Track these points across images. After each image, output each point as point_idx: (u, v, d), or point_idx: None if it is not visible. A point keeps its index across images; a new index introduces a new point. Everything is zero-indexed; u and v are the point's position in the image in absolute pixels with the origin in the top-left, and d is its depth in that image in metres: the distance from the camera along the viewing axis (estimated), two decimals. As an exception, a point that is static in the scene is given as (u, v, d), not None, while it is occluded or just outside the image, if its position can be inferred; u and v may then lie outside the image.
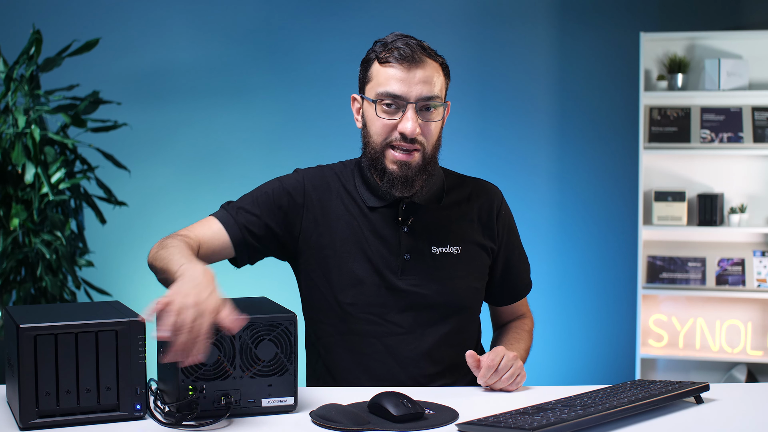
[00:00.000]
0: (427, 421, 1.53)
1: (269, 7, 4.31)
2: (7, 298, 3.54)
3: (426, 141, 1.82)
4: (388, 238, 1.87)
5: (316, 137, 4.32)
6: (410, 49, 1.78)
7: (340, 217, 1.89)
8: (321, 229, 1.89)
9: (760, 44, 4.03)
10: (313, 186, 1.93)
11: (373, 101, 1.81)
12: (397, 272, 1.86)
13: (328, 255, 1.88)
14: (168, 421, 1.52)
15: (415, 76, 1.78)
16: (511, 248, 1.99)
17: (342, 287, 1.87)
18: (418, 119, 1.79)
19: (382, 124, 1.81)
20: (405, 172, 1.81)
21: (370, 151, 1.84)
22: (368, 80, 1.84)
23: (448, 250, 1.89)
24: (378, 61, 1.82)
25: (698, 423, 1.55)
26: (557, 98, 4.29)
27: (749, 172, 4.10)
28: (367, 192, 1.90)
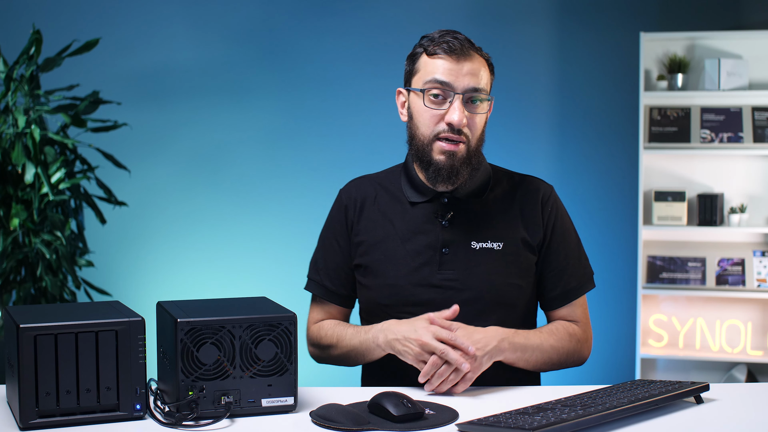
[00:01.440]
0: (427, 421, 1.53)
1: (269, 7, 4.31)
2: (7, 298, 3.54)
3: (471, 133, 1.84)
4: (428, 233, 1.89)
5: (315, 137, 4.32)
6: (459, 42, 1.82)
7: (376, 222, 1.93)
8: (359, 239, 1.94)
9: (760, 44, 4.03)
10: (349, 200, 1.99)
11: (421, 91, 1.83)
12: (435, 267, 1.87)
13: (367, 262, 1.93)
14: (168, 421, 1.52)
15: (462, 68, 1.81)
16: (557, 247, 1.92)
17: (379, 290, 1.90)
18: (465, 111, 1.81)
19: (429, 115, 1.83)
20: (451, 162, 1.83)
21: (417, 143, 1.86)
22: (415, 72, 1.86)
23: (489, 245, 1.88)
24: (426, 54, 1.84)
25: (698, 423, 1.55)
26: (557, 98, 4.29)
27: (749, 172, 4.10)
28: (410, 189, 1.93)
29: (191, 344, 1.53)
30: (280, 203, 4.33)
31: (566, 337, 1.89)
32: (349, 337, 1.90)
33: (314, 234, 2.15)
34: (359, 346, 1.87)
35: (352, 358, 1.91)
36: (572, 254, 1.95)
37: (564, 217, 1.96)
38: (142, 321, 1.54)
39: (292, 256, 4.28)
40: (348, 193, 2.01)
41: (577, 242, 1.97)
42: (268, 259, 4.32)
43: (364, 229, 1.95)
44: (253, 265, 4.32)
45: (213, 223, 4.34)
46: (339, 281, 1.98)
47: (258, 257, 4.32)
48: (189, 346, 1.53)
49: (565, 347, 1.88)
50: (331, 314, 2.01)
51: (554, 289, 1.93)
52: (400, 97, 1.92)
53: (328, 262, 1.99)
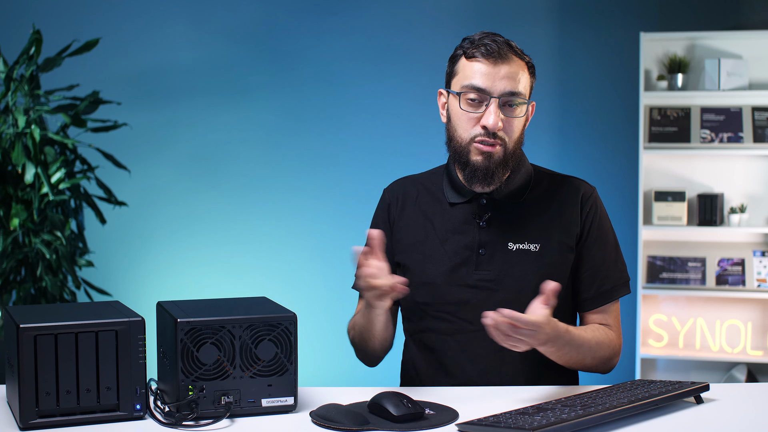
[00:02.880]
0: (427, 421, 1.53)
1: (269, 6, 4.31)
2: (7, 298, 3.54)
3: (507, 137, 1.85)
4: (465, 233, 1.90)
5: (316, 137, 4.32)
6: (497, 45, 1.82)
7: (416, 222, 1.95)
8: (399, 237, 1.96)
9: (760, 44, 4.03)
10: (393, 199, 2.01)
11: (457, 94, 1.84)
12: (471, 267, 1.88)
13: (406, 260, 1.94)
14: (168, 421, 1.52)
15: (499, 72, 1.82)
16: (593, 247, 1.91)
17: (416, 288, 1.91)
18: (501, 114, 1.82)
19: (466, 118, 1.84)
20: (487, 163, 1.83)
21: (455, 145, 1.87)
22: (454, 74, 1.87)
23: (526, 246, 1.88)
24: (465, 56, 1.85)
25: (698, 423, 1.55)
26: (557, 98, 4.29)
27: (749, 172, 4.09)
28: (451, 190, 1.94)
29: (191, 344, 1.53)
30: (280, 203, 4.33)
31: (605, 342, 1.87)
32: (359, 316, 1.93)
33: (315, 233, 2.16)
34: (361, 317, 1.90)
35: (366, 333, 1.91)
36: (609, 256, 1.93)
37: (603, 218, 1.95)
38: (142, 321, 1.54)
39: (292, 256, 4.28)
40: (392, 192, 2.03)
41: (615, 246, 1.95)
42: (268, 259, 4.32)
43: (404, 227, 1.96)
44: (253, 265, 4.32)
45: (213, 223, 4.33)
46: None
47: (258, 257, 4.32)
48: (189, 346, 1.53)
49: (599, 353, 1.86)
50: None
51: (588, 290, 1.92)
52: (440, 98, 1.93)
53: None
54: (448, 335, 1.89)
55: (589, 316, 1.93)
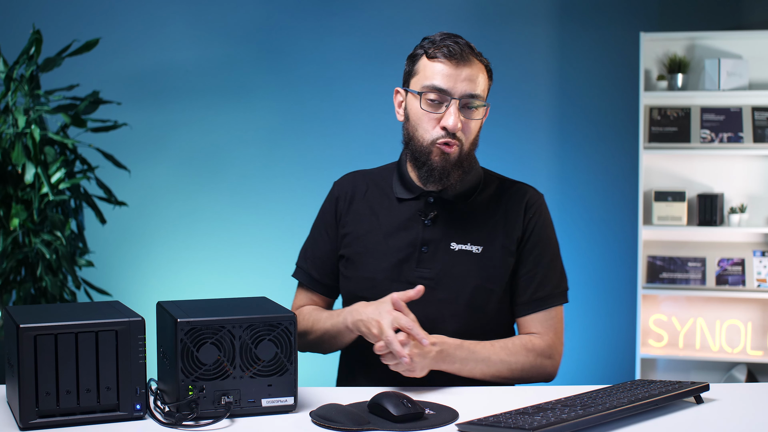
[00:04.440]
0: (427, 421, 1.53)
1: (269, 6, 4.31)
2: (7, 298, 3.54)
3: (465, 138, 1.86)
4: (410, 230, 1.91)
5: (315, 137, 4.32)
6: (459, 47, 1.83)
7: (363, 216, 1.96)
8: (345, 231, 1.98)
9: (760, 44, 4.03)
10: (341, 193, 2.03)
11: (418, 94, 1.85)
12: (413, 264, 1.88)
13: (350, 254, 1.96)
14: (168, 421, 1.52)
15: (461, 74, 1.83)
16: (532, 252, 1.91)
17: (358, 282, 1.93)
18: (460, 116, 1.83)
19: (427, 118, 1.85)
20: (444, 163, 1.85)
21: (416, 145, 1.88)
22: (414, 74, 1.88)
23: (468, 247, 1.89)
24: (426, 56, 1.86)
25: (698, 423, 1.55)
26: (557, 98, 4.29)
27: (749, 172, 4.10)
28: (400, 186, 1.96)
29: (191, 344, 1.53)
30: (280, 203, 4.33)
31: (522, 352, 1.86)
32: (322, 321, 1.92)
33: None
34: (331, 329, 1.89)
35: (325, 342, 1.93)
36: (546, 264, 1.92)
37: (546, 225, 1.95)
38: (142, 321, 1.54)
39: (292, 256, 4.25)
40: (341, 186, 2.04)
41: (555, 254, 1.95)
42: (268, 259, 4.32)
43: (351, 221, 1.97)
44: (253, 265, 4.32)
45: (213, 223, 4.33)
46: (324, 271, 2.01)
47: (258, 257, 4.32)
48: (189, 346, 1.53)
49: (519, 363, 1.85)
50: (315, 302, 2.04)
51: (523, 295, 1.91)
52: (397, 96, 1.94)
53: (315, 251, 2.03)
54: None
55: (524, 321, 1.93)
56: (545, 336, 1.90)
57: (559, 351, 1.91)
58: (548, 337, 1.90)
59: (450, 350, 1.78)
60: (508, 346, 1.85)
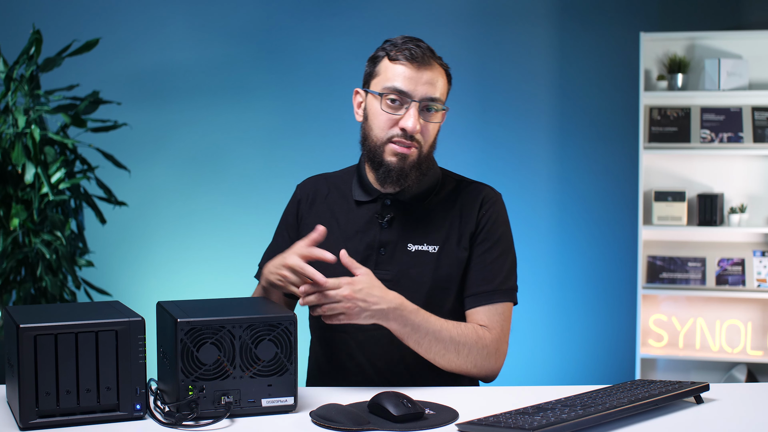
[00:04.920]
0: (427, 421, 1.53)
1: (269, 6, 4.31)
2: (7, 298, 3.54)
3: (423, 140, 1.87)
4: (368, 232, 1.93)
5: (315, 137, 4.32)
6: (420, 50, 1.85)
7: (323, 219, 1.98)
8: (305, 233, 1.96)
9: (760, 44, 4.03)
10: (303, 195, 2.06)
11: (379, 95, 1.86)
12: (371, 266, 1.88)
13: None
14: (168, 421, 1.52)
15: (422, 77, 1.84)
16: (482, 248, 1.90)
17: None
18: (420, 118, 1.84)
19: (385, 119, 1.86)
20: (402, 164, 1.86)
21: (370, 144, 1.89)
22: (375, 75, 1.89)
23: (425, 248, 1.90)
24: (388, 58, 1.87)
25: (698, 423, 1.55)
26: (557, 98, 4.29)
27: (749, 172, 4.10)
28: (359, 189, 1.97)
29: (191, 344, 1.53)
30: (280, 203, 4.30)
31: (472, 336, 1.82)
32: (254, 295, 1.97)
33: (314, 234, 2.20)
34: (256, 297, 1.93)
35: None
36: (495, 260, 1.90)
37: (500, 222, 1.93)
38: (142, 321, 1.54)
39: (292, 256, 4.27)
40: (303, 189, 2.07)
41: (506, 251, 1.92)
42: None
43: (311, 224, 1.98)
44: (253, 265, 4.31)
45: (213, 223, 4.33)
46: None
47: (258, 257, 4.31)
48: (189, 346, 1.53)
49: (467, 345, 1.81)
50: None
51: (470, 288, 1.90)
52: (357, 97, 1.95)
53: (275, 252, 2.02)
54: (346, 333, 1.91)
55: (471, 314, 1.91)
56: (492, 330, 1.86)
57: (503, 349, 1.87)
58: (495, 332, 1.86)
59: (406, 312, 1.76)
60: (460, 327, 1.83)
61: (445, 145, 1.96)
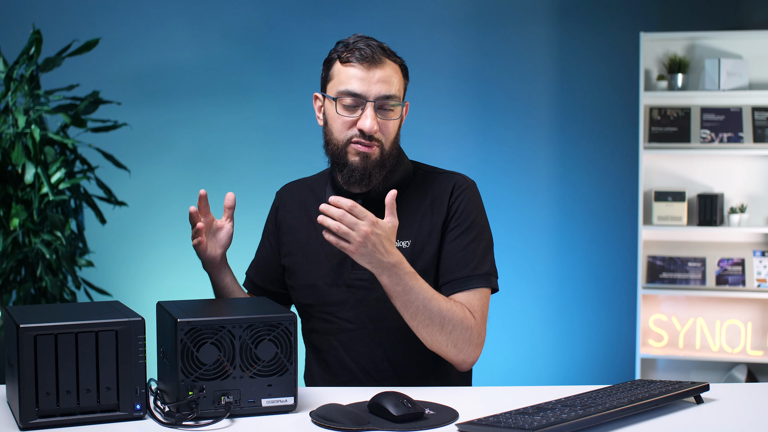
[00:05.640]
0: (427, 421, 1.53)
1: (269, 7, 4.31)
2: (7, 298, 3.54)
3: (384, 138, 1.87)
4: None
5: (315, 137, 4.31)
6: (371, 49, 1.84)
7: (300, 224, 1.99)
8: (285, 239, 2.02)
9: (760, 44, 4.03)
10: (281, 202, 2.09)
11: (333, 99, 1.86)
12: (348, 267, 1.90)
13: (290, 263, 1.99)
14: (168, 421, 1.52)
15: (374, 76, 1.84)
16: (452, 233, 1.88)
17: (300, 290, 1.97)
18: (377, 117, 1.84)
19: (342, 122, 1.86)
20: (364, 164, 1.85)
21: (332, 148, 1.90)
22: (330, 79, 1.89)
23: (398, 244, 1.89)
24: (339, 61, 1.87)
25: (698, 423, 1.55)
26: (557, 98, 4.29)
27: (749, 172, 4.10)
28: (331, 191, 1.97)
29: (191, 344, 1.53)
30: (280, 203, 4.33)
31: (459, 313, 1.79)
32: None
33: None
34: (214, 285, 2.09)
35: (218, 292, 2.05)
36: (468, 245, 1.87)
37: (473, 208, 1.91)
38: (142, 321, 1.54)
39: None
40: (280, 196, 2.09)
41: (479, 237, 1.89)
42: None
43: (290, 229, 2.01)
44: (253, 265, 4.31)
45: (213, 223, 4.33)
46: (267, 278, 2.06)
47: (258, 257, 4.32)
48: (189, 346, 1.53)
49: (453, 320, 1.78)
50: None
51: (444, 275, 1.87)
52: (317, 101, 1.96)
53: (259, 259, 2.09)
54: (330, 335, 1.92)
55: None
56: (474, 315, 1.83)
57: (482, 336, 1.83)
58: (477, 317, 1.83)
59: (402, 272, 1.73)
60: (450, 302, 1.80)
61: (445, 145, 1.96)
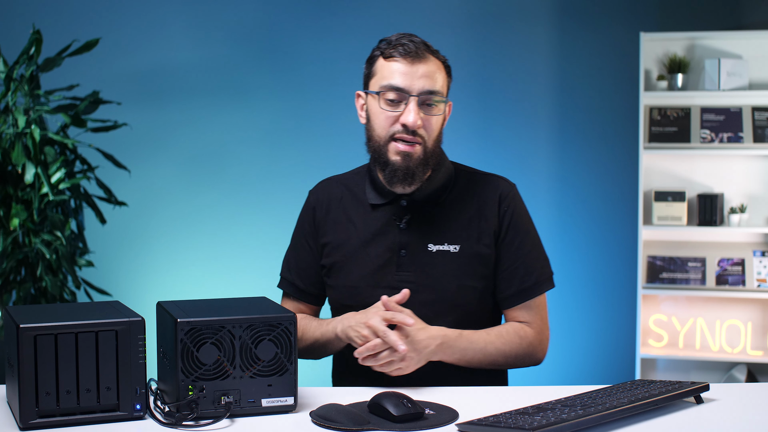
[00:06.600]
0: (427, 421, 1.53)
1: (269, 7, 4.31)
2: (7, 298, 3.54)
3: (427, 135, 1.86)
4: (387, 235, 1.92)
5: (316, 137, 4.32)
6: (414, 45, 1.84)
7: (340, 224, 1.97)
8: (324, 240, 1.99)
9: (760, 44, 4.03)
10: (317, 202, 2.03)
11: (376, 94, 1.86)
12: (393, 269, 1.89)
13: (330, 264, 1.97)
14: (168, 421, 1.52)
15: (417, 71, 1.83)
16: (512, 244, 1.92)
17: (341, 290, 1.95)
18: (420, 113, 1.83)
19: (385, 117, 1.86)
20: (407, 162, 1.85)
21: (374, 145, 1.89)
22: (372, 75, 1.90)
23: (446, 248, 1.89)
24: (382, 57, 1.87)
25: (698, 423, 1.55)
26: (557, 98, 4.29)
27: (749, 172, 4.10)
28: (372, 191, 1.96)
29: (191, 344, 1.53)
30: (280, 203, 4.33)
31: (515, 340, 1.89)
32: (312, 330, 1.94)
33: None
34: (321, 338, 1.91)
35: (316, 350, 1.95)
36: (529, 253, 1.93)
37: (522, 215, 1.96)
38: (142, 321, 1.54)
39: (292, 256, 4.27)
40: (316, 195, 2.05)
41: (536, 242, 1.96)
42: (268, 259, 4.31)
43: (330, 230, 1.98)
44: (253, 265, 4.32)
45: (213, 223, 4.33)
46: (309, 280, 2.03)
47: (258, 257, 4.32)
48: (189, 346, 1.53)
49: (513, 350, 1.88)
50: (302, 311, 2.05)
51: (509, 288, 1.92)
52: (359, 100, 1.95)
53: (299, 261, 2.04)
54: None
55: (512, 312, 1.94)
56: (533, 324, 1.92)
57: (547, 336, 1.94)
58: (536, 325, 1.92)
59: (450, 341, 1.81)
60: (502, 334, 1.88)
61: (445, 146, 1.96)
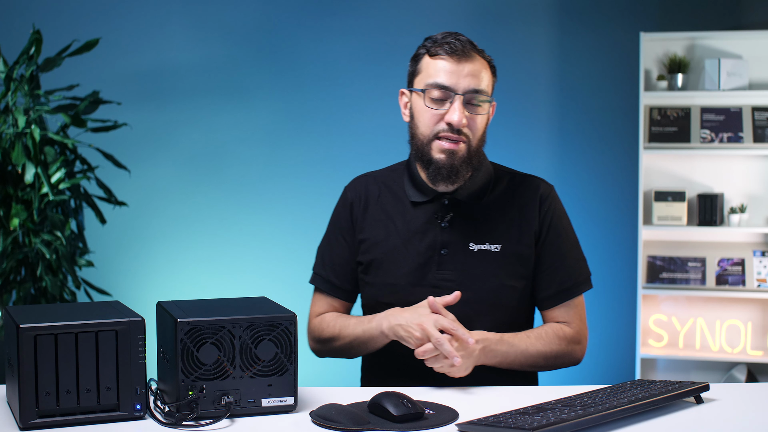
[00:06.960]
0: (427, 421, 1.53)
1: (269, 7, 4.31)
2: (7, 298, 3.54)
3: (471, 134, 1.87)
4: (428, 233, 1.92)
5: (316, 137, 4.32)
6: (460, 43, 1.84)
7: (378, 221, 1.96)
8: (362, 237, 1.97)
9: (760, 44, 4.03)
10: (355, 198, 2.02)
11: (421, 92, 1.86)
12: (434, 267, 1.89)
13: (368, 261, 1.96)
14: (168, 421, 1.52)
15: (463, 69, 1.84)
16: (552, 245, 1.93)
17: (379, 288, 1.94)
18: (465, 111, 1.83)
19: (430, 115, 1.85)
20: (451, 161, 1.85)
21: (417, 143, 1.89)
22: (417, 73, 1.89)
23: (487, 247, 1.90)
24: (428, 55, 1.87)
25: (698, 423, 1.55)
26: (557, 98, 4.29)
27: (749, 172, 4.10)
28: (412, 189, 1.95)
29: (191, 344, 1.53)
30: (280, 203, 4.34)
31: (555, 341, 1.90)
32: (351, 327, 1.92)
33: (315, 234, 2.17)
34: (362, 335, 1.89)
35: (354, 348, 1.93)
36: (568, 253, 1.95)
37: (561, 216, 1.97)
38: (142, 321, 1.54)
39: (293, 256, 4.28)
40: (354, 191, 2.03)
41: (575, 243, 1.98)
42: (268, 259, 4.32)
43: (367, 227, 1.97)
44: (253, 265, 4.32)
45: (213, 223, 4.33)
46: (344, 277, 2.01)
47: (258, 257, 4.32)
48: (189, 346, 1.53)
49: (553, 351, 1.89)
50: (334, 308, 2.03)
51: (548, 288, 1.93)
52: (402, 97, 1.95)
53: (334, 257, 2.02)
54: None
55: (550, 313, 1.95)
56: (573, 324, 1.93)
57: (585, 335, 1.95)
58: (576, 325, 1.93)
59: (492, 345, 1.81)
60: (542, 336, 1.88)
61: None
